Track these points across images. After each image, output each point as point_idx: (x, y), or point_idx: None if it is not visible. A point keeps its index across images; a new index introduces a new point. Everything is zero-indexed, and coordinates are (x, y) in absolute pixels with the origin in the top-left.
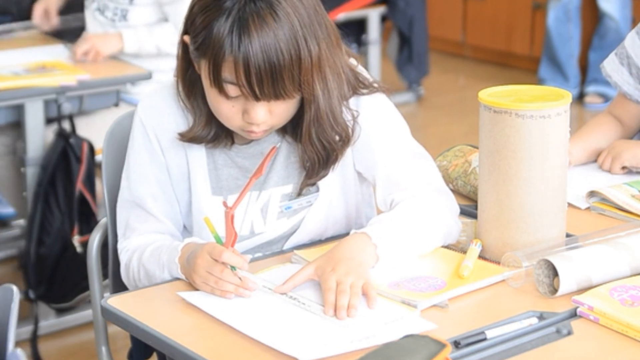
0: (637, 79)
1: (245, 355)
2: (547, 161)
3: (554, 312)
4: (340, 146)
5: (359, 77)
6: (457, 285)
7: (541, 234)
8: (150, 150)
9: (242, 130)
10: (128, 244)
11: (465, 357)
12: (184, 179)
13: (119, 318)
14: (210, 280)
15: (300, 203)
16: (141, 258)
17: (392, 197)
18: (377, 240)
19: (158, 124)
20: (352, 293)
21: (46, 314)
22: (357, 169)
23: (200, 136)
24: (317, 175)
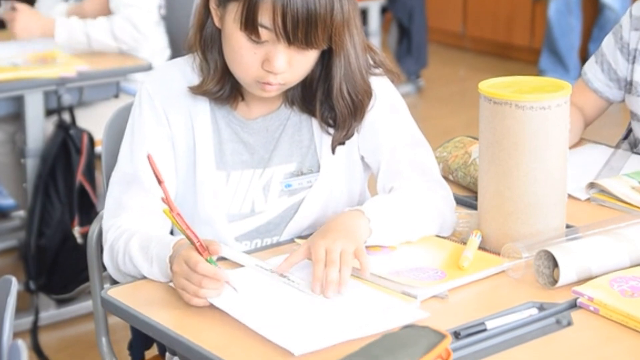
0: (607, 76)
1: (244, 346)
2: (547, 152)
3: (554, 302)
4: (367, 101)
5: (375, 57)
6: (457, 276)
7: (541, 225)
8: (158, 122)
9: (257, 83)
10: (116, 222)
11: (465, 348)
12: (189, 154)
13: (118, 309)
14: (188, 289)
15: (301, 182)
16: (127, 245)
17: (392, 185)
18: (370, 214)
19: (166, 99)
20: (343, 262)
21: (46, 305)
22: (362, 154)
23: (212, 91)
24: (348, 128)
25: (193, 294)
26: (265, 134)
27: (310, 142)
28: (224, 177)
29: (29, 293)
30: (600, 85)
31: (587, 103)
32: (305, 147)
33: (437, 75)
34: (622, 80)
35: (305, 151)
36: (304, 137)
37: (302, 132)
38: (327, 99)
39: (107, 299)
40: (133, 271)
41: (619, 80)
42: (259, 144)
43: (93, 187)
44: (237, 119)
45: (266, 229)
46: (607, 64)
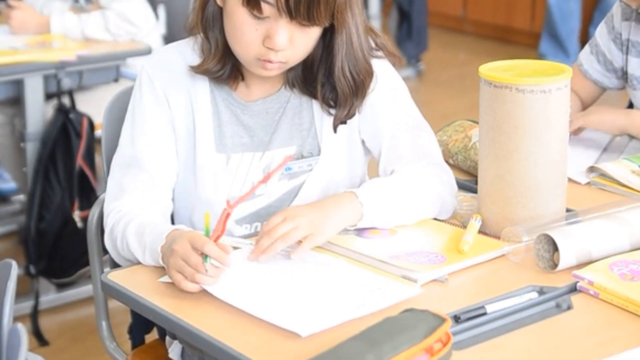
0: (603, 66)
1: (245, 329)
2: (547, 136)
3: (554, 286)
4: (368, 81)
5: (376, 39)
6: (457, 260)
7: (541, 209)
8: (158, 104)
9: (258, 61)
10: (117, 206)
11: (465, 332)
12: (189, 136)
13: (119, 293)
14: (185, 270)
15: (301, 165)
16: (125, 229)
17: (393, 168)
18: (363, 198)
19: (166, 81)
20: (282, 237)
21: (47, 289)
22: (362, 137)
23: (212, 70)
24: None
25: (190, 277)
26: (265, 117)
27: (310, 125)
28: (224, 160)
29: (29, 277)
30: (598, 76)
31: (584, 90)
32: (305, 130)
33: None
34: (619, 71)
35: (306, 134)
36: (305, 120)
37: (302, 115)
38: (328, 79)
39: (107, 283)
40: (130, 256)
41: (616, 70)
42: (259, 127)
43: (93, 171)
44: (237, 101)
45: (266, 212)
46: (602, 55)
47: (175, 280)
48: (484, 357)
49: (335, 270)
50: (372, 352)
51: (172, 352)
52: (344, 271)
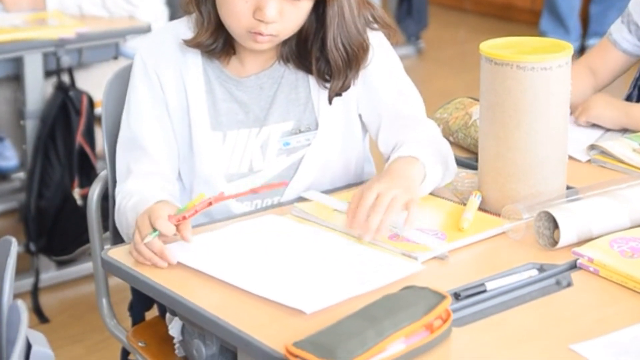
0: (635, 36)
1: (246, 307)
2: (548, 113)
3: (554, 264)
4: (362, 54)
5: (374, 12)
6: (457, 238)
7: (542, 186)
8: (150, 87)
9: (249, 34)
10: (123, 188)
11: (465, 309)
12: (183, 116)
13: (119, 270)
14: (135, 239)
15: (299, 140)
16: (126, 206)
17: (396, 140)
18: (425, 161)
19: (158, 63)
20: (389, 207)
21: (47, 267)
22: (360, 112)
23: (205, 44)
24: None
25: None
26: (259, 92)
27: (307, 100)
28: (220, 137)
29: (30, 255)
30: (629, 45)
31: (610, 64)
32: (302, 104)
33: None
34: None
35: (303, 109)
36: (301, 95)
37: (298, 90)
38: (322, 53)
39: (107, 260)
40: (129, 233)
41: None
42: (254, 103)
43: (92, 148)
44: (231, 78)
45: None
46: (635, 24)
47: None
48: (484, 334)
49: (336, 248)
50: (372, 328)
51: (172, 329)
52: (345, 249)
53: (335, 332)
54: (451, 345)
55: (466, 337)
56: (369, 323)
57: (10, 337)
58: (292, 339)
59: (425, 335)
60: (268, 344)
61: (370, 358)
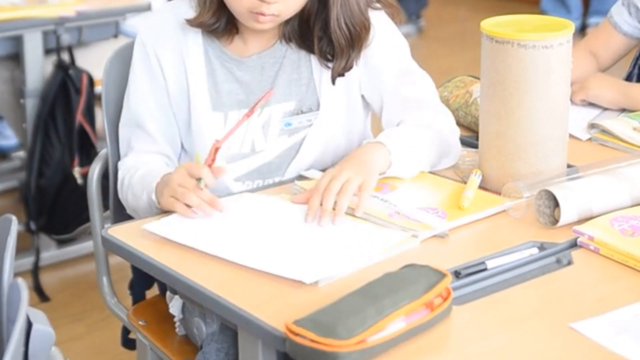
0: (635, 19)
1: (247, 284)
2: (549, 91)
3: (555, 242)
4: (365, 34)
5: None
6: (458, 216)
7: (542, 165)
8: (149, 69)
9: (251, 14)
10: (125, 162)
11: (466, 287)
12: (183, 97)
13: (119, 248)
14: (177, 193)
15: (301, 121)
16: (132, 178)
17: (400, 118)
18: (390, 146)
19: (158, 43)
20: (342, 191)
21: (47, 246)
22: (362, 93)
23: (207, 23)
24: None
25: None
26: (261, 72)
27: (309, 80)
28: (222, 118)
29: (30, 233)
30: (629, 28)
31: (611, 46)
32: (304, 85)
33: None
34: None
35: (305, 89)
36: (303, 75)
37: (300, 70)
38: (324, 33)
39: (108, 238)
40: (135, 205)
41: None
42: (255, 83)
43: (93, 127)
44: (231, 58)
45: (268, 169)
46: (635, 7)
47: (168, 204)
48: (484, 312)
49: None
50: (372, 307)
51: (172, 308)
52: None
53: (335, 310)
54: (451, 323)
55: (466, 316)
56: (370, 301)
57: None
58: (293, 317)
59: (426, 314)
60: (268, 322)
61: (370, 336)
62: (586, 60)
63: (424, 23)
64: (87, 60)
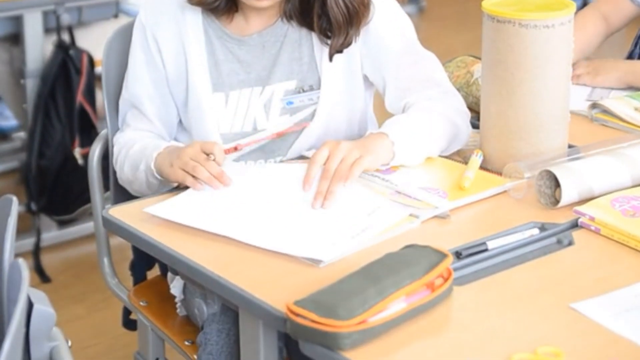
0: None
1: (248, 265)
2: (550, 71)
3: (555, 222)
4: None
5: None
6: (459, 197)
7: (543, 145)
8: (147, 50)
9: None
10: (121, 137)
11: (466, 268)
12: (181, 78)
13: (120, 228)
14: (188, 165)
15: (302, 100)
16: (129, 151)
17: (405, 101)
18: (394, 137)
19: (156, 23)
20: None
21: (48, 227)
22: (365, 72)
23: (207, 1)
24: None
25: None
26: (262, 51)
27: (310, 59)
28: (223, 99)
29: (31, 214)
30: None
31: (621, 11)
32: (305, 63)
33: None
34: None
35: (306, 68)
36: (304, 53)
37: (302, 49)
38: (323, 10)
39: (109, 219)
40: (131, 176)
41: None
42: (256, 61)
43: (93, 108)
44: (232, 37)
45: (270, 148)
46: None
47: (177, 175)
48: (485, 292)
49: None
50: (373, 287)
51: (173, 289)
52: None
53: (336, 290)
54: (452, 304)
55: (467, 296)
56: (370, 282)
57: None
58: (294, 297)
59: (427, 294)
60: (269, 303)
61: (371, 317)
62: (597, 22)
63: (425, 3)
64: (88, 40)
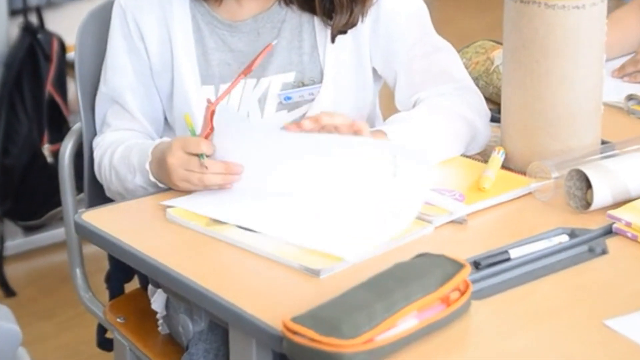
0: None
1: (239, 276)
2: (581, 58)
3: (587, 228)
4: None
5: None
6: (477, 199)
7: (573, 141)
8: (128, 37)
9: None
10: (101, 140)
11: (486, 279)
12: (166, 69)
13: (94, 235)
14: (192, 178)
15: (302, 94)
16: (112, 158)
17: (416, 97)
18: (393, 137)
19: (138, 7)
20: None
21: (13, 233)
22: (374, 65)
23: None
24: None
25: (199, 183)
26: (256, 38)
27: (312, 49)
28: (212, 92)
29: None
30: None
31: None
32: (306, 54)
33: None
34: None
35: (307, 59)
36: (305, 42)
37: (302, 37)
38: None
39: (82, 224)
40: (121, 187)
41: None
42: (250, 50)
43: (64, 99)
44: (223, 23)
45: None
46: None
47: (185, 188)
48: (507, 307)
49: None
50: (381, 301)
51: (154, 303)
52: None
53: (339, 305)
54: (470, 320)
55: (487, 311)
56: (378, 295)
57: None
58: (291, 313)
59: (441, 310)
60: (263, 319)
61: (378, 335)
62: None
63: None
64: (58, 22)
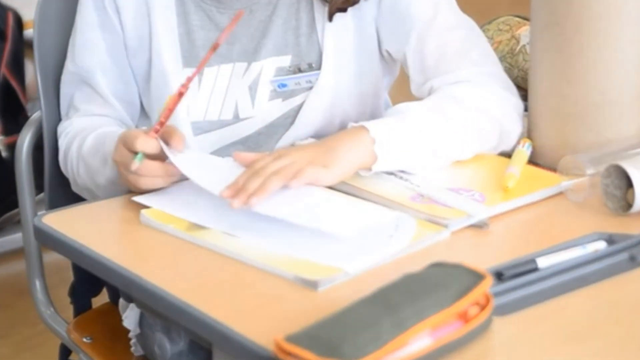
0: None
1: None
2: (621, 37)
3: (627, 233)
4: None
5: None
6: (500, 200)
7: (610, 133)
8: (101, 9)
9: None
10: (68, 126)
11: (511, 292)
12: (143, 47)
13: (56, 241)
14: (130, 180)
15: (298, 82)
16: (81, 148)
17: (431, 84)
18: (376, 134)
19: None
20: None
21: None
22: (386, 48)
23: None
24: None
25: (134, 186)
26: (248, 16)
27: (310, 29)
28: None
29: None
30: None
31: None
32: (303, 35)
33: None
34: None
35: (305, 41)
36: (303, 22)
37: (300, 16)
38: None
39: (42, 229)
40: (89, 182)
41: None
42: (241, 30)
43: (22, 84)
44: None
45: (255, 141)
46: None
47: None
48: (534, 325)
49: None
50: (389, 318)
51: (126, 320)
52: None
53: (340, 322)
54: (492, 339)
55: (511, 330)
56: (384, 311)
57: None
58: (284, 331)
59: (458, 327)
60: (252, 338)
61: (386, 356)
62: None
63: None
64: None
